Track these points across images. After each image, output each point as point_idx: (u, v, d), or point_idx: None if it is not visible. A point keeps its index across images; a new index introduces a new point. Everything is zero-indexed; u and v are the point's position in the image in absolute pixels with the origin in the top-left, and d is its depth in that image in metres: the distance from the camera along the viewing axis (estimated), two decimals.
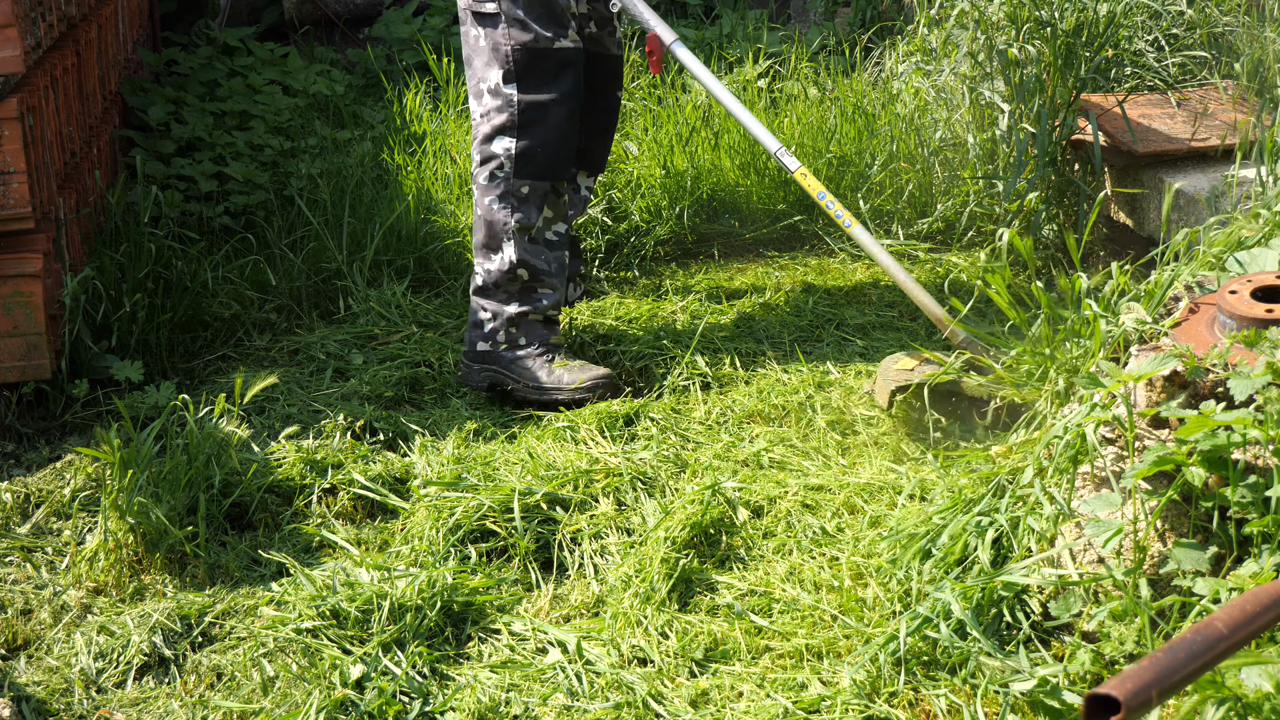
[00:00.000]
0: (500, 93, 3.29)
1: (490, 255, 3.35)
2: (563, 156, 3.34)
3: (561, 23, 3.28)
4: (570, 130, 3.33)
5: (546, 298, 3.37)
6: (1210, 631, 1.61)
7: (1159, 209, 3.60)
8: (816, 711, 2.23)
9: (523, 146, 3.29)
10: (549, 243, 3.38)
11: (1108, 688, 1.52)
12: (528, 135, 3.29)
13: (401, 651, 2.42)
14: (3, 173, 3.13)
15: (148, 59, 4.88)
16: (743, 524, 2.71)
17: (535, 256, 3.34)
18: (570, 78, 3.30)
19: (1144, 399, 2.31)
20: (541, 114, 3.29)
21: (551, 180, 3.34)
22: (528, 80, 3.27)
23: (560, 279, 3.39)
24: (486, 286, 3.37)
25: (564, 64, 3.29)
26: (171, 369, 3.51)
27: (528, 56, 3.26)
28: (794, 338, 3.52)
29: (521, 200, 3.32)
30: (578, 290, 3.72)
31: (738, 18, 5.59)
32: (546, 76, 3.28)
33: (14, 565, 2.76)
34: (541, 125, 3.29)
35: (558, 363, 3.30)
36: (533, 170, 3.31)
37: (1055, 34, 3.81)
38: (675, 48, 3.27)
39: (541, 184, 3.32)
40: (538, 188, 3.32)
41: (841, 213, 3.18)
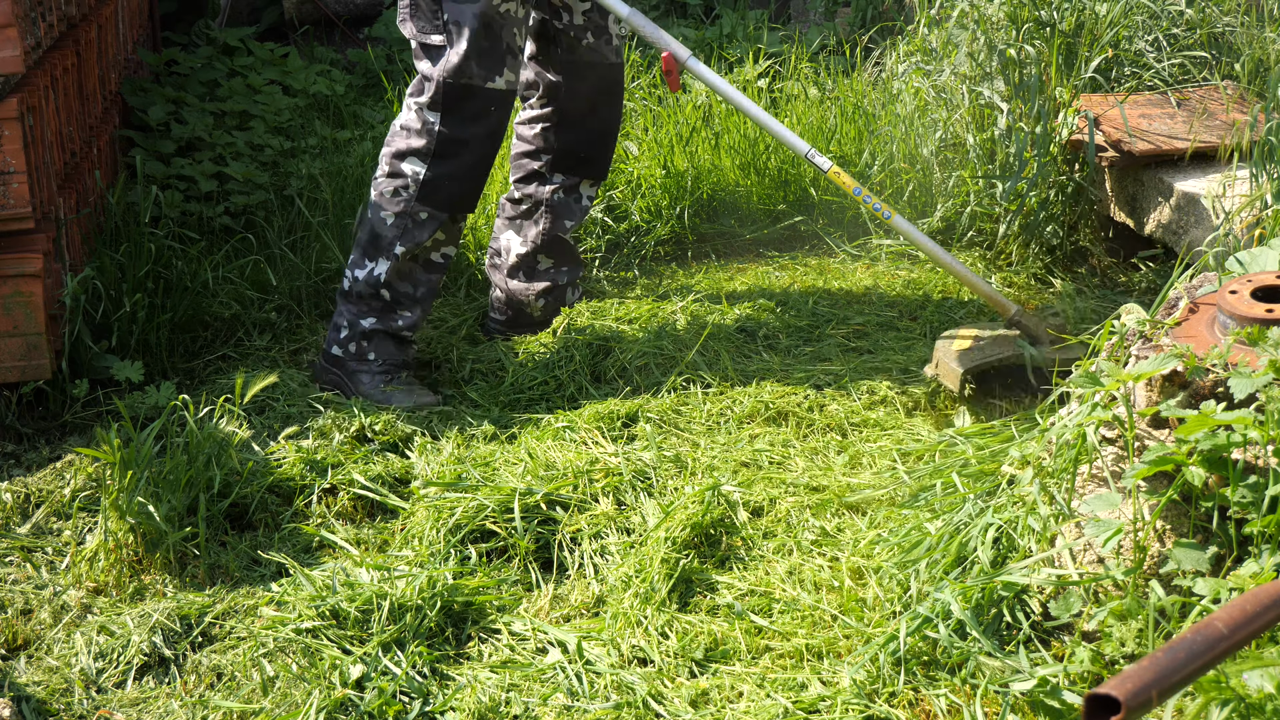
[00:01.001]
0: (425, 117, 3.28)
1: (364, 262, 3.36)
2: (469, 193, 3.33)
3: (499, 63, 3.25)
4: (483, 171, 3.32)
5: (404, 319, 3.40)
6: (1210, 631, 1.61)
7: (1159, 209, 3.60)
8: (816, 711, 2.23)
9: (431, 176, 3.28)
10: (430, 264, 3.40)
11: (1108, 688, 1.52)
12: (439, 166, 3.28)
13: (401, 651, 2.42)
14: (3, 173, 3.13)
15: (148, 59, 4.88)
16: (743, 524, 2.71)
17: (405, 280, 3.37)
18: (495, 120, 3.28)
19: (1144, 399, 2.31)
20: (458, 150, 3.27)
21: (452, 213, 3.33)
22: (452, 114, 3.26)
23: (427, 303, 3.42)
24: (351, 293, 3.39)
25: (492, 105, 3.27)
26: (171, 369, 3.51)
27: (457, 91, 3.24)
28: (794, 338, 3.52)
29: (416, 224, 3.32)
30: (576, 293, 3.71)
31: (738, 18, 5.59)
32: (471, 114, 3.26)
33: (14, 565, 2.76)
34: (455, 160, 3.28)
35: (392, 386, 3.35)
36: (436, 201, 3.30)
37: (1055, 34, 3.81)
38: (691, 63, 3.24)
39: (440, 214, 3.32)
40: (436, 216, 3.32)
41: (880, 205, 3.20)
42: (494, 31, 3.24)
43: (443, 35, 3.23)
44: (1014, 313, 3.11)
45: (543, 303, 3.65)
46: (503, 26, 3.25)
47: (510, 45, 3.27)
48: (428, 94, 3.26)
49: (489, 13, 3.22)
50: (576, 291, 3.74)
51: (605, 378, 3.37)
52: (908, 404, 3.18)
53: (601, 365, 3.40)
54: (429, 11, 3.24)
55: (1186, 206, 3.48)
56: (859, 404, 3.18)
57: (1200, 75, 3.97)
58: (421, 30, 3.25)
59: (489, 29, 3.23)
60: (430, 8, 3.24)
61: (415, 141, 3.28)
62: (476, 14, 3.21)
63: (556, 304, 3.66)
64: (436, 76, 3.23)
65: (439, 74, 3.23)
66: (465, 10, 3.21)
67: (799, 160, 4.24)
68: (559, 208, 3.62)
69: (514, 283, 3.65)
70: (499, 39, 3.25)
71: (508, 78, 3.27)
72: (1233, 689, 1.80)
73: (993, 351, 3.03)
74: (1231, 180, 3.33)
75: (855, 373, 3.31)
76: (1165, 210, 3.57)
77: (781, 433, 3.07)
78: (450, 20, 3.22)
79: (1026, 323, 3.10)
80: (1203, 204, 3.38)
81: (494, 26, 3.24)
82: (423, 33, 3.25)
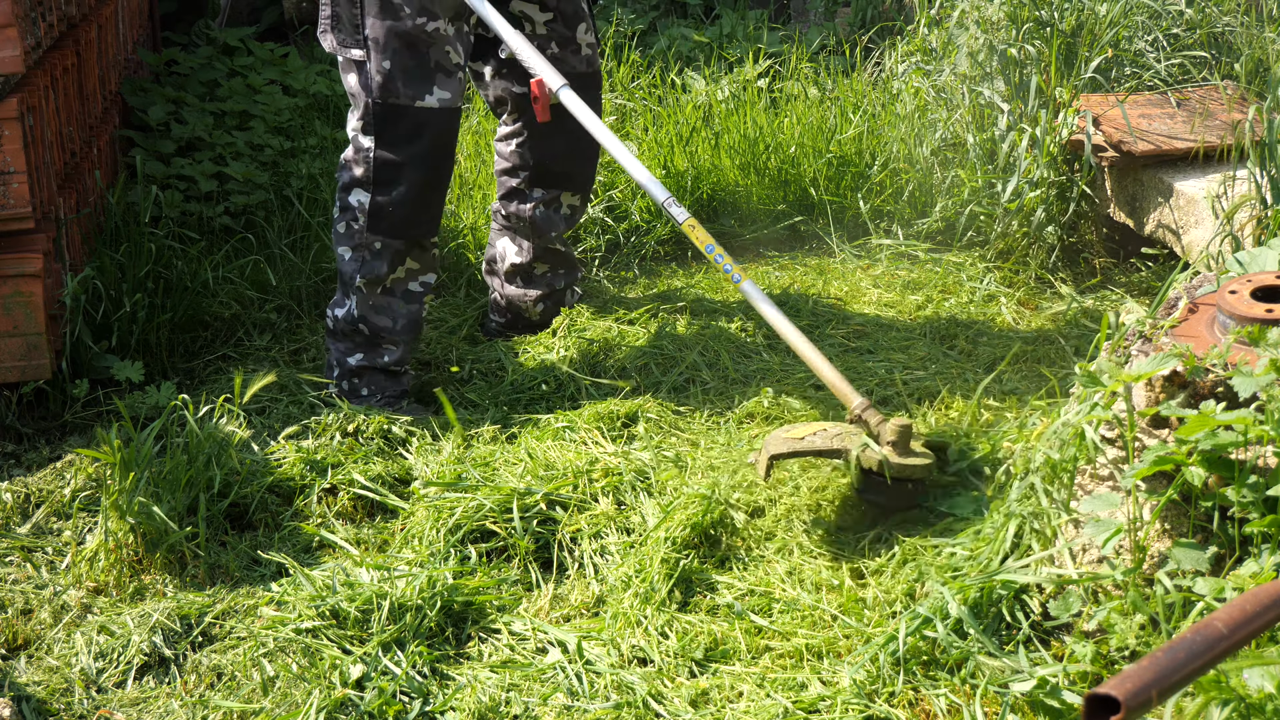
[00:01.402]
0: (359, 144, 3.17)
1: (342, 299, 3.30)
2: (420, 218, 3.20)
3: (428, 80, 3.11)
4: (429, 193, 3.18)
5: (389, 354, 3.31)
6: (1210, 631, 1.61)
7: (1159, 209, 3.60)
8: (816, 711, 2.23)
9: (376, 203, 3.17)
10: (409, 295, 3.29)
11: (1108, 687, 1.52)
12: (382, 192, 3.16)
13: (401, 651, 2.42)
14: (3, 173, 3.13)
15: (148, 59, 4.88)
16: (743, 524, 2.70)
17: (378, 313, 3.26)
18: (429, 139, 3.13)
19: (1143, 399, 2.31)
20: (396, 174, 3.14)
21: (406, 239, 3.22)
22: (385, 137, 3.13)
23: (410, 335, 3.31)
24: (334, 331, 3.33)
25: (424, 125, 3.12)
26: (172, 369, 3.51)
27: (386, 112, 3.11)
28: None
29: (374, 254, 3.22)
30: (575, 295, 3.69)
31: (738, 18, 5.59)
32: (403, 137, 3.13)
33: (14, 565, 2.76)
34: (395, 185, 3.15)
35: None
36: (386, 228, 3.19)
37: (1055, 34, 3.81)
38: (562, 93, 3.03)
39: (394, 241, 3.21)
40: (390, 244, 3.21)
41: (730, 267, 2.92)
42: (419, 50, 3.11)
43: (363, 50, 3.10)
44: (856, 406, 2.69)
45: (541, 307, 3.60)
46: (430, 45, 3.12)
47: (441, 62, 3.12)
48: (359, 116, 3.15)
49: (411, 32, 3.10)
50: (575, 294, 3.70)
51: (605, 378, 3.37)
52: (907, 403, 3.18)
53: (601, 365, 3.40)
54: (350, 24, 3.11)
55: (1186, 206, 3.48)
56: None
57: (1200, 75, 3.98)
58: (343, 44, 3.13)
59: (412, 48, 3.11)
60: (352, 20, 3.11)
61: (356, 170, 3.18)
62: (397, 32, 3.09)
63: (555, 307, 3.62)
64: (364, 97, 3.12)
65: (366, 94, 3.12)
66: (385, 27, 3.09)
67: (799, 160, 4.24)
68: (541, 223, 3.51)
69: (511, 288, 3.61)
70: (425, 56, 3.11)
71: (440, 95, 3.12)
72: (1233, 688, 1.80)
73: (817, 444, 2.64)
74: (1231, 180, 3.33)
75: (855, 373, 3.31)
76: (1165, 210, 3.57)
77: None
78: (370, 37, 3.10)
79: (870, 420, 2.67)
80: (1202, 204, 3.38)
81: (418, 45, 3.11)
82: (344, 46, 3.12)
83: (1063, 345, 3.40)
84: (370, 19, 3.08)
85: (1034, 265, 3.75)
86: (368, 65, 3.09)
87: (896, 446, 2.59)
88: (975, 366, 3.32)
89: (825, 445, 2.62)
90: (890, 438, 2.60)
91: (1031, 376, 3.25)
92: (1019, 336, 3.47)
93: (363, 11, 3.09)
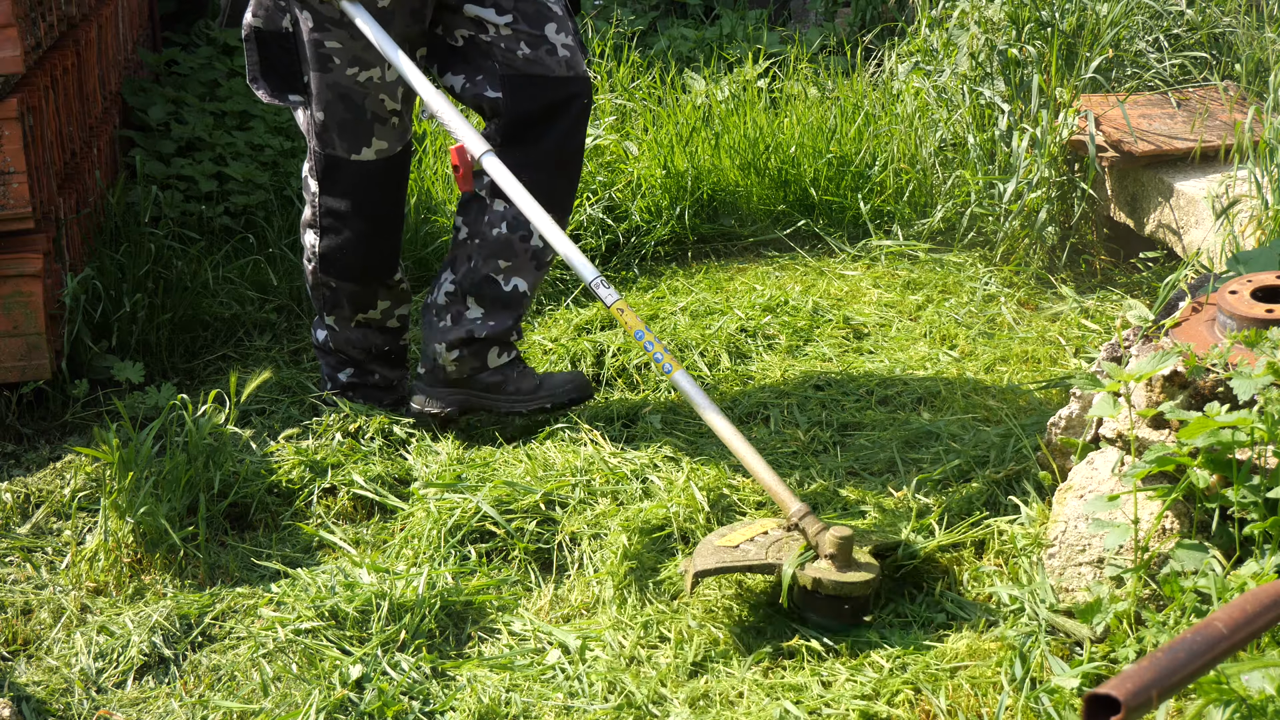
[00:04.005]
0: (309, 186, 3.07)
1: (320, 324, 3.22)
2: (370, 262, 3.08)
3: (365, 133, 2.96)
4: (377, 240, 3.06)
5: (379, 373, 3.23)
6: (1210, 631, 1.61)
7: (1159, 209, 3.59)
8: (816, 712, 2.23)
9: (325, 246, 3.07)
10: (386, 331, 3.19)
11: (1108, 688, 1.52)
12: (328, 238, 3.06)
13: (401, 652, 2.42)
14: (3, 173, 3.13)
15: (148, 59, 4.88)
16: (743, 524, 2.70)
17: (354, 346, 3.19)
18: (368, 193, 3.01)
19: (1144, 399, 2.31)
20: (340, 222, 3.04)
21: (359, 283, 3.10)
22: (326, 185, 3.03)
23: (392, 357, 3.21)
24: (320, 347, 3.24)
25: (363, 177, 3.00)
26: (171, 369, 3.51)
27: (325, 163, 3.00)
28: (794, 338, 3.51)
29: (331, 294, 3.13)
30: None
31: (738, 18, 5.59)
32: (343, 187, 3.02)
33: (14, 565, 2.76)
34: (340, 233, 3.05)
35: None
36: (336, 271, 3.09)
37: (1055, 34, 3.81)
38: (486, 160, 2.76)
39: (346, 284, 3.10)
40: (343, 287, 3.11)
41: (662, 356, 2.60)
42: (352, 102, 2.95)
43: (302, 96, 2.97)
44: (795, 513, 2.43)
45: (456, 355, 3.08)
46: (365, 95, 2.95)
47: (377, 112, 2.96)
48: (308, 159, 3.05)
49: (344, 84, 2.94)
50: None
51: (605, 378, 3.37)
52: (908, 403, 3.18)
53: (602, 366, 3.40)
54: (283, 67, 2.96)
55: (1186, 206, 3.48)
56: (859, 404, 3.18)
57: (1200, 75, 3.98)
58: (278, 89, 2.97)
59: (346, 99, 2.94)
60: (289, 65, 2.96)
61: (306, 211, 3.10)
62: (329, 84, 2.93)
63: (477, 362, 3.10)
64: (310, 142, 3.01)
65: (310, 136, 3.00)
66: (318, 79, 2.94)
67: (799, 161, 4.24)
68: (497, 244, 3.03)
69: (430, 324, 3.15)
70: (360, 109, 2.96)
71: (378, 145, 2.98)
72: (1234, 690, 1.80)
73: (749, 557, 2.41)
74: (1231, 180, 3.33)
75: (856, 373, 3.31)
76: (1165, 210, 3.57)
77: (781, 433, 3.07)
78: (307, 83, 2.96)
79: (808, 530, 2.41)
80: (1203, 204, 3.38)
81: (351, 97, 2.95)
82: (279, 91, 2.97)
83: (1063, 345, 3.40)
84: (305, 65, 2.95)
85: (1034, 265, 3.75)
86: (310, 112, 2.97)
87: (836, 560, 2.37)
88: (975, 366, 3.32)
89: (758, 560, 2.40)
90: (829, 550, 2.38)
91: (1031, 377, 3.25)
92: (1019, 336, 3.46)
93: (299, 58, 2.97)
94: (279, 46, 2.94)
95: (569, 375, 3.12)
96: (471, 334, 3.05)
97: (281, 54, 2.95)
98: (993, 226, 3.88)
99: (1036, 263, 3.75)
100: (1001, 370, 3.29)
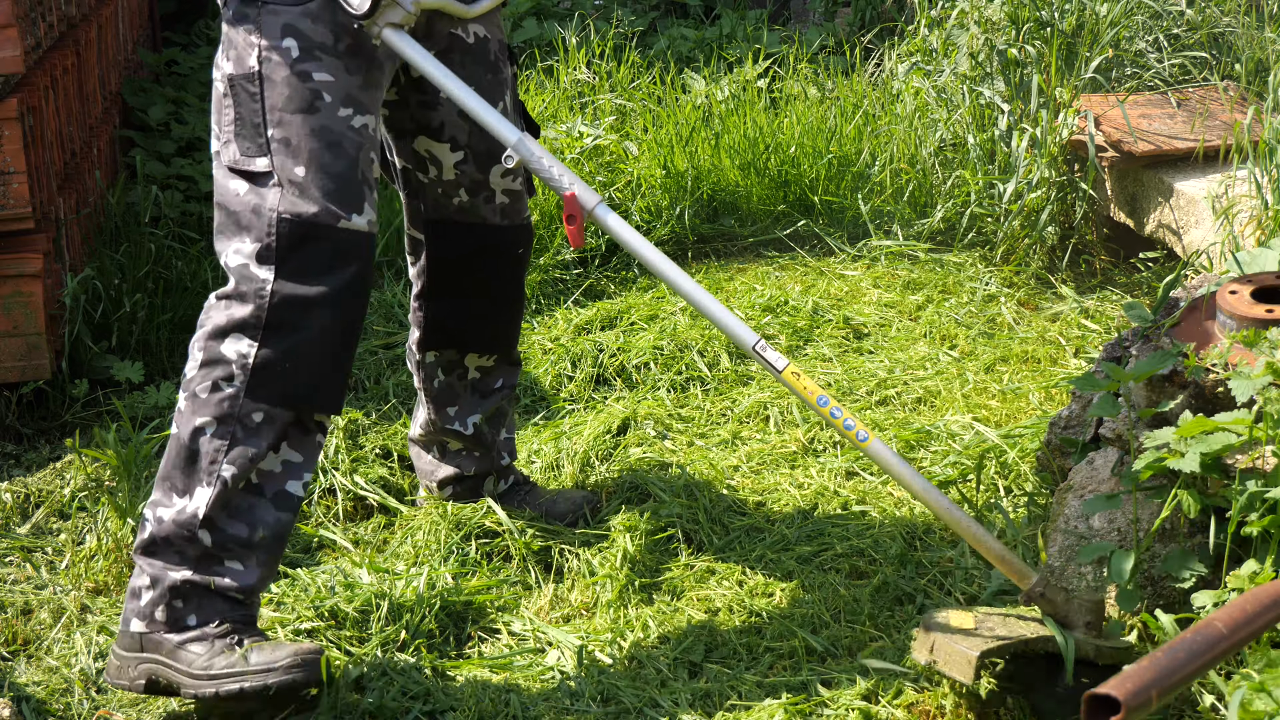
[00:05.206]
0: (250, 275, 2.27)
1: (171, 495, 2.30)
2: (324, 381, 2.31)
3: (355, 198, 2.30)
4: (339, 346, 2.31)
5: (232, 573, 2.30)
6: (1210, 631, 1.61)
7: (1159, 209, 3.60)
8: (816, 712, 2.23)
9: (265, 356, 2.26)
10: (282, 499, 2.31)
11: (1108, 688, 1.52)
12: (275, 341, 2.26)
13: (401, 652, 2.42)
14: (3, 173, 3.13)
15: (148, 59, 4.88)
16: (743, 524, 2.71)
17: (234, 517, 2.29)
18: (350, 272, 2.29)
19: (1143, 398, 2.31)
20: (300, 315, 2.26)
21: (298, 409, 2.30)
22: (291, 266, 2.26)
23: (270, 552, 2.32)
24: (153, 543, 2.31)
25: (345, 251, 2.28)
26: (171, 369, 3.51)
27: (298, 232, 2.26)
28: (793, 338, 3.52)
29: (248, 431, 2.28)
30: (505, 482, 2.83)
31: (738, 18, 5.59)
32: (318, 265, 2.27)
33: (14, 565, 2.76)
34: (297, 331, 2.26)
35: (247, 645, 2.27)
36: (275, 393, 2.27)
37: (1055, 34, 3.81)
38: (600, 212, 2.28)
39: (283, 412, 2.29)
40: (276, 417, 2.28)
41: (854, 423, 2.22)
42: (345, 153, 2.30)
43: (267, 158, 2.27)
44: (1037, 583, 2.16)
45: (450, 492, 2.81)
46: (359, 147, 2.31)
47: (368, 175, 2.33)
48: (252, 239, 2.27)
49: (335, 128, 2.29)
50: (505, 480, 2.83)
51: (605, 378, 3.37)
52: (908, 403, 3.18)
53: (602, 365, 3.40)
54: (250, 122, 2.29)
55: (1186, 206, 3.48)
56: (859, 404, 3.18)
57: (1200, 75, 3.98)
58: (246, 153, 2.29)
59: (337, 149, 2.29)
60: (251, 117, 2.29)
61: (238, 310, 2.27)
62: (315, 130, 2.28)
63: (472, 496, 2.80)
64: (267, 213, 2.26)
65: (270, 209, 2.26)
66: (299, 124, 2.27)
67: (799, 161, 4.24)
68: (442, 394, 2.73)
69: (416, 448, 2.85)
70: (354, 162, 2.30)
71: (369, 215, 2.32)
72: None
73: (1012, 632, 2.13)
74: (1231, 180, 3.33)
75: (856, 373, 3.31)
76: (1165, 210, 3.57)
77: (781, 433, 3.07)
78: (277, 138, 2.27)
79: (1053, 598, 2.15)
80: (1202, 204, 3.38)
81: (345, 146, 2.30)
82: (247, 155, 2.29)
83: (1063, 345, 3.40)
84: (277, 112, 2.27)
85: (1034, 265, 3.75)
86: (274, 175, 2.27)
87: (1092, 628, 2.14)
88: (975, 366, 3.32)
89: (1031, 633, 2.12)
90: (1087, 617, 2.13)
91: (1031, 377, 3.26)
92: (1019, 336, 3.47)
93: (264, 103, 2.28)
94: (248, 93, 2.30)
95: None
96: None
97: (246, 98, 2.30)
98: (993, 226, 3.88)
99: (1036, 263, 3.75)
100: (1001, 370, 3.29)
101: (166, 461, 2.31)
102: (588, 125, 4.28)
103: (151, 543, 2.30)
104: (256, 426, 2.27)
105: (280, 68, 2.27)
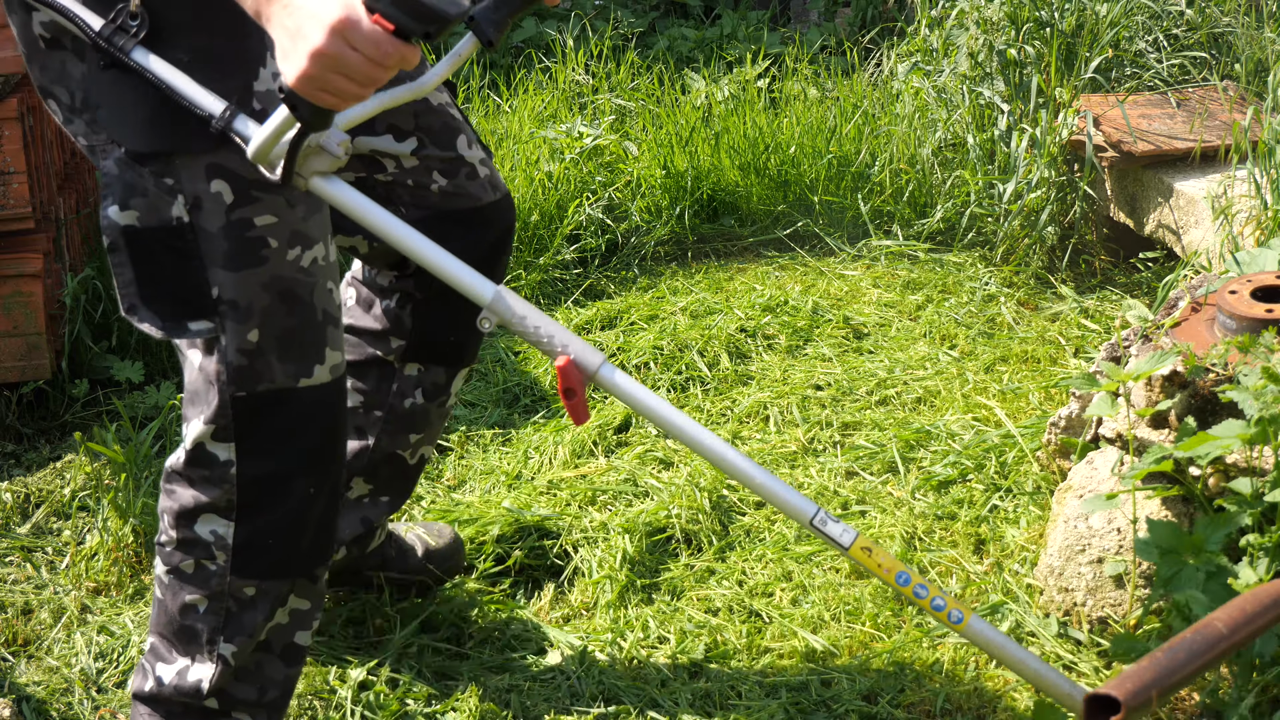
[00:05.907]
0: (208, 455, 1.99)
1: (171, 652, 2.10)
2: (317, 543, 2.07)
3: (315, 347, 1.98)
4: (325, 507, 2.05)
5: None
6: (1210, 631, 1.61)
7: (1159, 209, 3.60)
8: (816, 711, 2.23)
9: (246, 535, 2.02)
10: (291, 652, 2.11)
11: (1108, 688, 1.52)
12: (254, 519, 2.01)
13: (402, 652, 2.42)
14: (3, 173, 3.13)
15: None
16: (743, 524, 2.71)
17: (245, 681, 2.09)
18: (319, 430, 2.01)
19: (1143, 398, 2.31)
20: (273, 492, 2.01)
21: (294, 578, 2.07)
22: (252, 441, 1.98)
23: (278, 707, 2.12)
24: (157, 699, 2.10)
25: (310, 414, 2.00)
26: (171, 369, 3.51)
27: (253, 405, 1.96)
28: (793, 338, 3.52)
29: (243, 607, 2.05)
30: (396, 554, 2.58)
31: (738, 18, 5.59)
32: (282, 435, 1.99)
33: (14, 565, 2.76)
34: (275, 506, 2.02)
35: None
36: (264, 566, 2.04)
37: (1055, 34, 3.81)
38: (606, 374, 1.86)
39: (278, 584, 2.05)
40: (271, 589, 2.05)
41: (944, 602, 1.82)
42: (300, 300, 1.96)
43: (212, 322, 1.93)
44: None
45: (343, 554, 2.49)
46: (313, 288, 1.97)
47: (329, 310, 1.99)
48: (206, 415, 1.97)
49: (285, 276, 1.94)
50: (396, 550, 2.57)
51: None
52: (908, 403, 3.18)
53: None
54: (178, 281, 1.93)
55: (1186, 206, 3.49)
56: (859, 404, 3.18)
57: (1200, 75, 3.98)
58: (173, 317, 1.94)
59: (290, 299, 1.95)
60: (182, 271, 1.93)
61: (204, 492, 2.01)
62: (265, 283, 1.93)
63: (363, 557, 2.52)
64: (219, 386, 1.95)
65: (223, 383, 1.95)
66: (247, 281, 1.92)
67: (799, 161, 4.24)
68: (410, 417, 2.40)
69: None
70: (310, 307, 1.97)
71: (332, 359, 2.00)
72: None
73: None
74: (1231, 180, 3.33)
75: (856, 373, 3.31)
76: (1165, 210, 3.57)
77: (781, 433, 3.07)
78: (223, 299, 1.92)
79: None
80: (1202, 204, 3.38)
81: (298, 292, 1.96)
82: (176, 320, 1.93)
83: (1063, 345, 3.40)
84: (218, 271, 1.92)
85: (1034, 265, 3.75)
86: (221, 342, 1.94)
87: None
88: (975, 366, 3.32)
89: None
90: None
91: (1031, 377, 3.25)
92: (1019, 336, 3.47)
93: (203, 263, 1.92)
94: (170, 249, 1.91)
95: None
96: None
97: (174, 261, 1.92)
98: (992, 226, 3.88)
99: (1036, 263, 3.75)
100: (1001, 370, 3.29)
101: (157, 621, 2.09)
102: (587, 125, 4.28)
103: (153, 698, 2.10)
104: (251, 600, 2.04)
105: (214, 216, 1.89)
